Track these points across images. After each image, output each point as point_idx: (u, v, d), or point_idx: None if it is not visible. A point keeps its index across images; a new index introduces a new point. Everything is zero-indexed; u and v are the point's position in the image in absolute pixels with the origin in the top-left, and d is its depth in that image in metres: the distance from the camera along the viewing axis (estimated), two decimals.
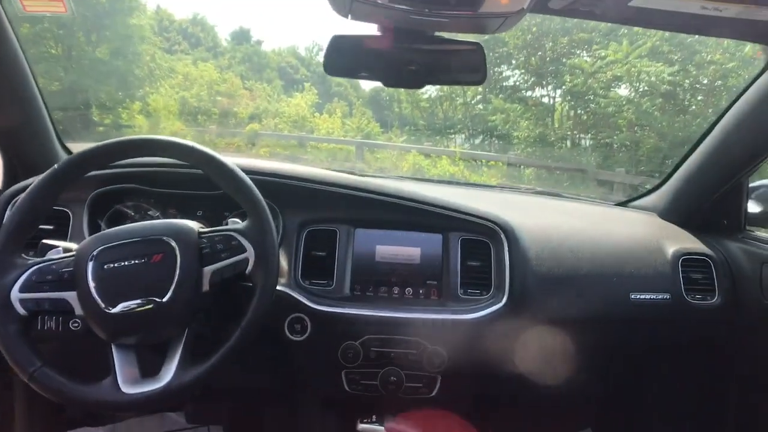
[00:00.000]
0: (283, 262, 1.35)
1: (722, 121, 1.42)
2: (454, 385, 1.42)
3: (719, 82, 7.82)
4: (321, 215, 1.40)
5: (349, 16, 0.92)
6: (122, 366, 1.01)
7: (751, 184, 1.51)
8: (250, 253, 1.06)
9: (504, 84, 9.98)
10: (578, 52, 9.17)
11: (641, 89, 8.28)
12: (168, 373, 1.01)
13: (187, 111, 11.20)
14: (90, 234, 1.25)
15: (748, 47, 6.95)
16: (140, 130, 9.14)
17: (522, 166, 8.34)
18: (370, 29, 0.99)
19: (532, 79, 9.76)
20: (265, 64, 21.27)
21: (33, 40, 9.67)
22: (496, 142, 9.56)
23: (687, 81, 8.10)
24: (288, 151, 9.05)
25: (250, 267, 1.06)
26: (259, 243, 1.07)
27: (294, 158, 8.63)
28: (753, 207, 1.50)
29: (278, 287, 1.26)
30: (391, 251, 1.40)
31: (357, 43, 1.00)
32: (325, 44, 1.00)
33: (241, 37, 25.38)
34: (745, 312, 1.45)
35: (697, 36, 7.53)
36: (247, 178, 1.10)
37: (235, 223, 1.13)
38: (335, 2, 0.90)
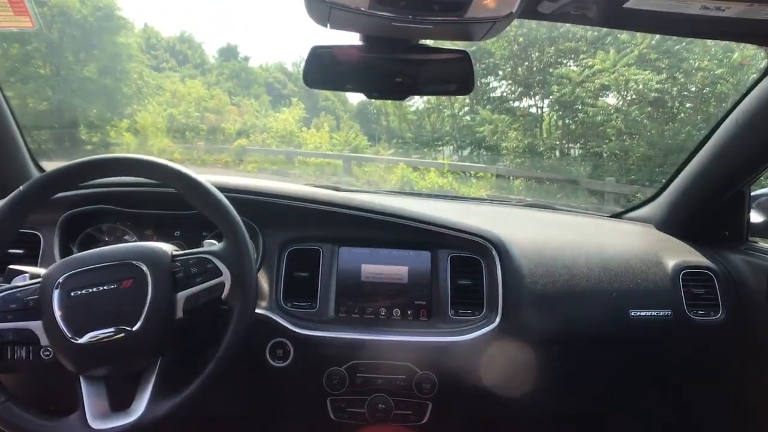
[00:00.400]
0: (264, 284, 1.30)
1: (721, 128, 1.37)
2: (447, 411, 1.36)
3: (707, 89, 7.88)
4: (303, 234, 1.35)
5: (328, 25, 0.88)
6: (91, 399, 0.96)
7: (753, 193, 1.46)
8: (226, 276, 1.02)
9: (491, 95, 10.03)
10: (565, 61, 9.25)
11: (629, 98, 8.34)
12: (140, 407, 0.96)
13: (175, 128, 11.23)
14: (62, 258, 1.19)
15: (736, 54, 7.00)
16: (128, 147, 9.13)
17: (511, 177, 8.35)
18: (352, 38, 0.94)
19: (520, 89, 9.81)
20: (252, 79, 21.33)
21: (22, 60, 9.75)
22: (485, 153, 9.58)
23: (675, 88, 8.17)
24: (276, 166, 9.03)
25: (226, 291, 1.02)
26: (235, 265, 1.03)
27: (282, 173, 8.60)
28: (756, 217, 1.46)
29: (259, 310, 1.23)
30: (377, 270, 1.34)
31: (337, 54, 0.96)
32: None
33: (229, 53, 25.49)
34: (752, 327, 1.40)
35: (684, 43, 7.63)
36: (222, 197, 1.06)
37: (211, 244, 1.08)
38: (313, 11, 0.85)
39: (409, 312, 1.32)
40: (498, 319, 1.29)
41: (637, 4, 0.82)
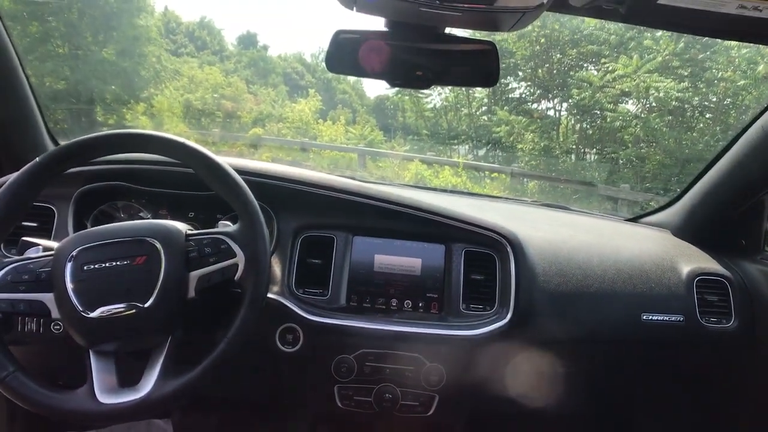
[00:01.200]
0: (276, 269, 1.29)
1: (745, 135, 1.36)
2: (453, 404, 1.36)
3: (729, 100, 7.75)
4: (318, 221, 1.34)
5: (355, 8, 0.87)
6: (100, 374, 0.96)
7: None
8: (239, 258, 1.02)
9: (509, 96, 9.94)
10: (586, 65, 9.13)
11: (649, 105, 8.22)
12: (148, 384, 0.96)
13: (191, 113, 11.26)
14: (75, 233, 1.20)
15: (761, 66, 6.87)
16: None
17: (526, 179, 8.30)
18: (377, 24, 0.93)
19: (539, 91, 9.70)
20: (270, 69, 21.37)
21: (41, 38, 9.78)
22: (500, 153, 9.53)
23: (696, 98, 8.04)
24: (290, 156, 9.03)
25: (239, 273, 1.02)
26: (249, 247, 1.02)
27: (296, 164, 8.55)
28: None
29: (270, 295, 1.22)
30: (390, 261, 1.33)
31: (361, 39, 0.95)
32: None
33: (248, 41, 25.58)
34: (764, 338, 1.38)
35: (708, 52, 7.50)
36: (239, 179, 1.06)
37: (226, 225, 1.08)
38: None
39: (420, 304, 1.31)
40: (509, 316, 1.28)
41: (670, 0, 0.80)
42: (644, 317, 1.34)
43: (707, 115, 8.23)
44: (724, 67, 7.63)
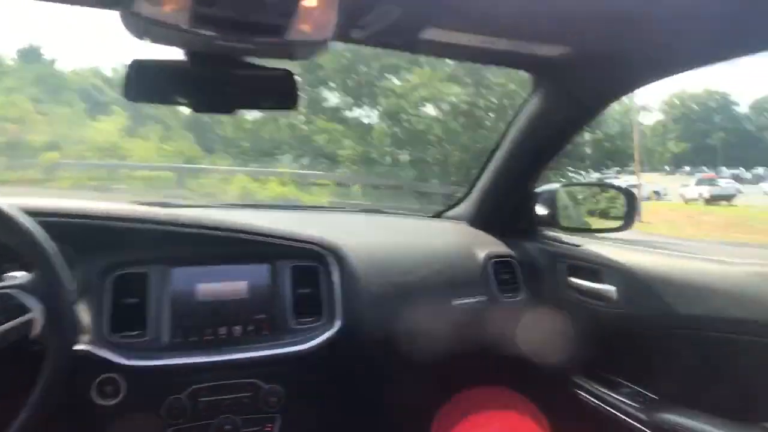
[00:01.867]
0: (85, 316, 1.15)
1: (508, 135, 1.60)
2: (295, 422, 1.35)
3: (505, 101, 9.05)
4: (128, 257, 1.24)
5: (148, 39, 0.86)
6: None
7: (536, 190, 1.69)
8: (36, 312, 0.92)
9: (325, 105, 10.30)
10: (389, 76, 9.94)
11: (445, 109, 9.27)
12: None
13: None
14: None
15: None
16: None
17: (350, 184, 8.64)
18: (176, 52, 0.93)
19: (351, 100, 10.24)
20: (62, 85, 19.08)
21: None
22: (324, 161, 9.77)
23: (481, 101, 9.28)
24: (97, 181, 8.15)
25: (38, 328, 0.92)
26: (48, 299, 0.93)
27: (104, 189, 7.78)
28: (540, 210, 1.69)
29: (81, 346, 1.10)
30: (214, 289, 1.28)
31: (160, 68, 0.92)
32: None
33: (31, 55, 22.56)
34: (545, 302, 1.60)
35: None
36: (27, 222, 0.95)
37: (14, 278, 0.96)
38: (128, 23, 0.82)
39: (250, 327, 1.28)
40: (339, 324, 1.32)
41: (431, 36, 0.96)
42: (455, 302, 1.48)
43: (491, 114, 9.50)
44: (496, 75, 8.99)
